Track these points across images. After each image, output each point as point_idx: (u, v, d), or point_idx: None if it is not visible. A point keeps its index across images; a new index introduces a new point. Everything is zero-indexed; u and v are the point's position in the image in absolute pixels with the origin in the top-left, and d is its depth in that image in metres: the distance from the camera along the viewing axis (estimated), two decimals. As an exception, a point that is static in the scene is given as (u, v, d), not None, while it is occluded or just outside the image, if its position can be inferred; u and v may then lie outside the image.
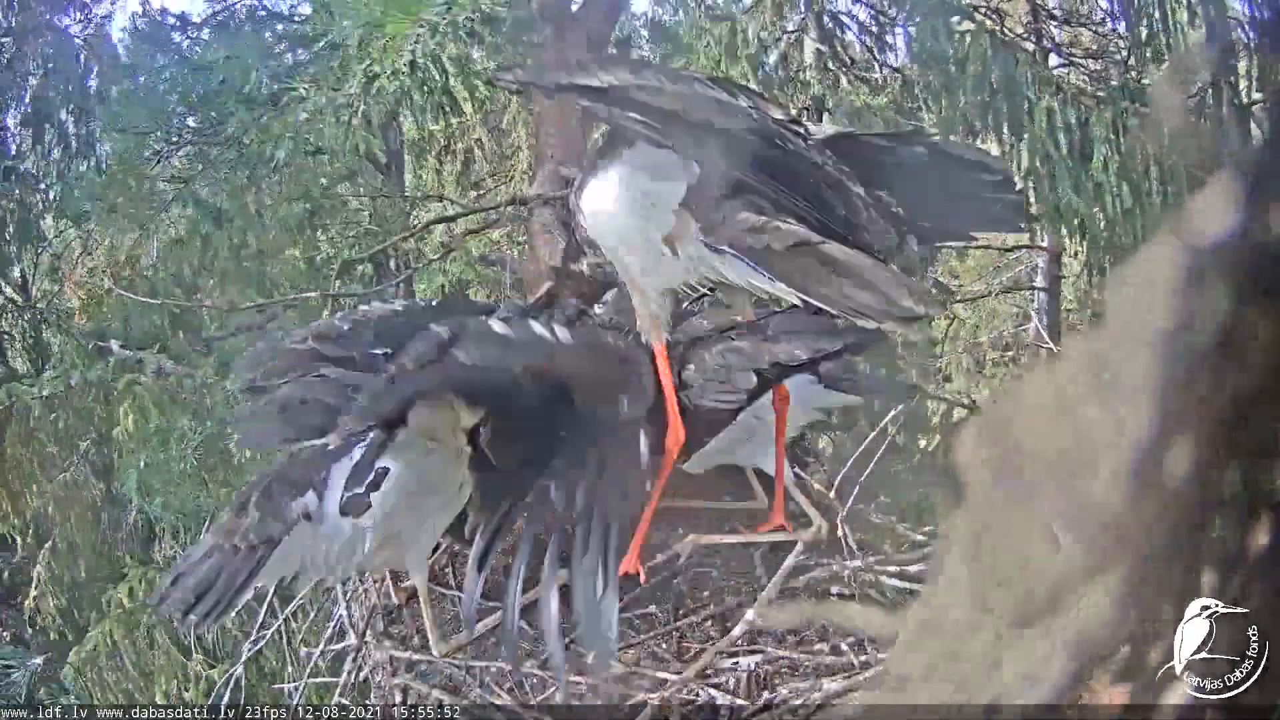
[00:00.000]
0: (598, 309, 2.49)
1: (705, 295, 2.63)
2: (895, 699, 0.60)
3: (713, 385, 2.10)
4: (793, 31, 5.43)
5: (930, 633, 0.59)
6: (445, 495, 2.17)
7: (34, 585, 4.31)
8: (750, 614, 2.04)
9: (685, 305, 2.89)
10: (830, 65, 5.12)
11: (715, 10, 5.77)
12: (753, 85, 5.23)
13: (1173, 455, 0.54)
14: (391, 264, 4.62)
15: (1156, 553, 0.54)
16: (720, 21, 5.45)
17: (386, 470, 2.04)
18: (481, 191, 5.98)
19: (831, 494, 1.99)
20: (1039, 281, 8.06)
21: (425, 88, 4.44)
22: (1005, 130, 4.24)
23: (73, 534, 4.28)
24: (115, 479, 4.08)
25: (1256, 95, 3.85)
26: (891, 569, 2.15)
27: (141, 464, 3.82)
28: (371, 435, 1.99)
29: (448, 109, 4.78)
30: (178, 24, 5.18)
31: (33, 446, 4.21)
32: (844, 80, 5.09)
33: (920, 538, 2.34)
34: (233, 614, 2.02)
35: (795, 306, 1.93)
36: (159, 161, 4.43)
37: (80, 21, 6.33)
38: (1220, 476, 0.57)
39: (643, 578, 2.23)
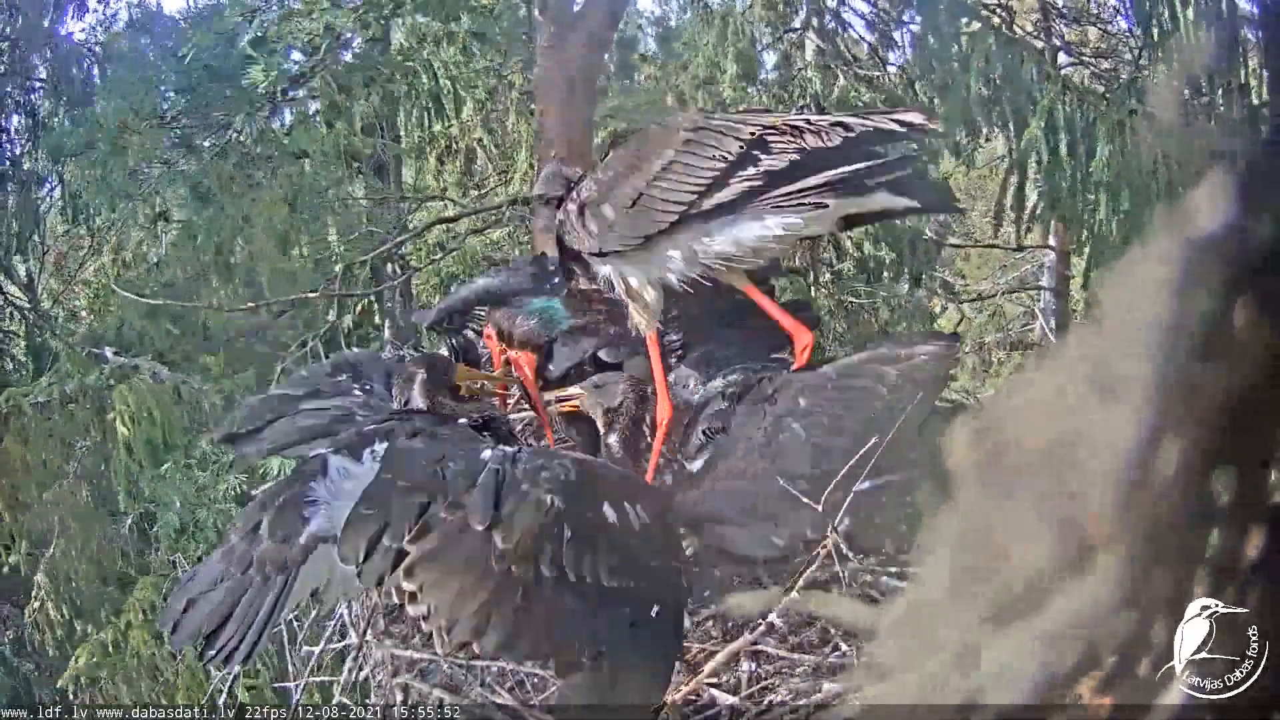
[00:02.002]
0: None
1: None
2: (875, 689, 0.59)
3: None
4: (794, 30, 5.42)
5: (912, 623, 0.59)
6: None
7: (34, 595, 4.30)
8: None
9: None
10: (832, 65, 5.11)
11: (713, 10, 5.77)
12: (752, 84, 5.23)
13: (1162, 456, 0.54)
14: (389, 267, 4.62)
15: (1143, 555, 0.53)
16: (718, 21, 5.46)
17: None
18: (483, 191, 5.99)
19: (819, 506, 1.97)
20: (1045, 281, 8.04)
21: (413, 92, 4.46)
22: (1010, 128, 4.23)
23: (71, 541, 4.26)
24: (113, 485, 4.06)
25: (1266, 96, 3.82)
26: (892, 569, 2.14)
27: (164, 499, 3.82)
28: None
29: (432, 112, 4.81)
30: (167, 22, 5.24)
31: (30, 451, 4.20)
32: (843, 79, 5.07)
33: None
34: (257, 654, 1.89)
35: None
36: (149, 132, 4.41)
37: (84, 29, 6.38)
38: (1212, 480, 0.56)
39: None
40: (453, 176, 6.11)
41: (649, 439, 2.38)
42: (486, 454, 1.87)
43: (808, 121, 2.07)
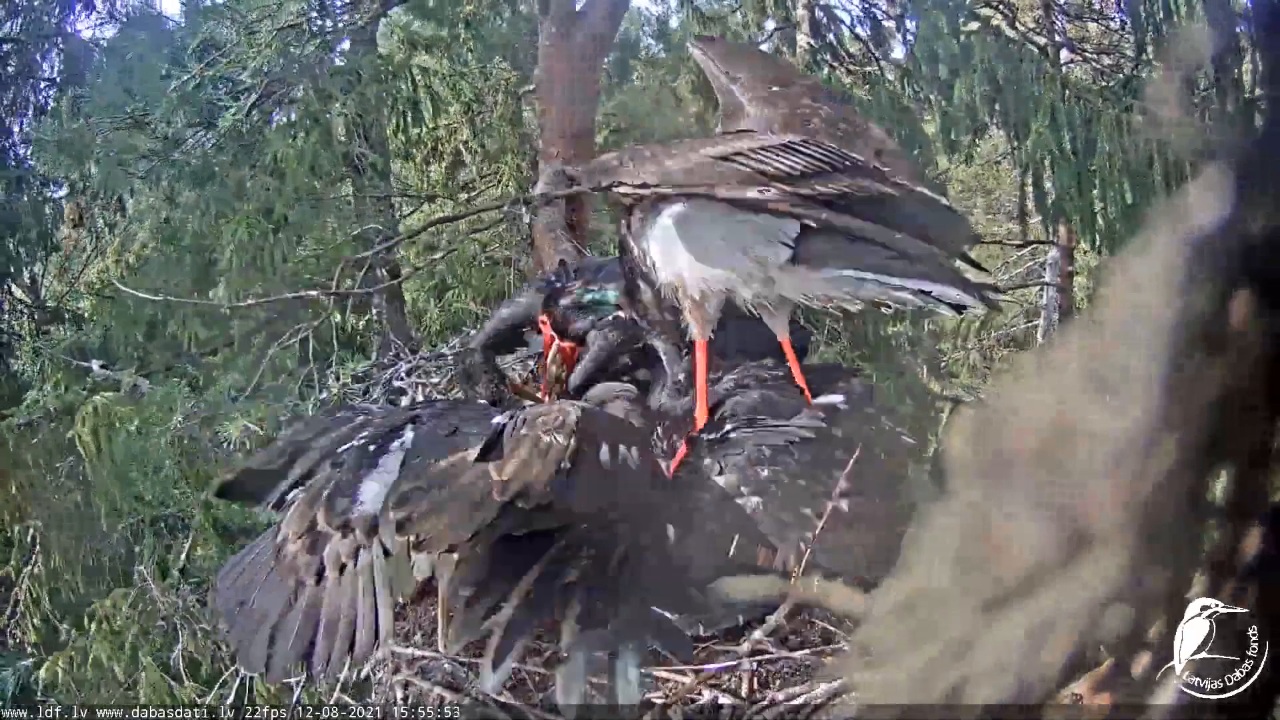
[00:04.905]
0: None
1: None
2: (866, 675, 0.59)
3: None
4: (783, 27, 5.42)
5: (905, 611, 0.58)
6: None
7: (10, 605, 4.31)
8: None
9: None
10: (822, 58, 5.10)
11: (705, 13, 5.80)
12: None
13: (1156, 451, 0.53)
14: (378, 272, 4.62)
15: (1136, 551, 0.53)
16: (711, 22, 5.47)
17: None
18: (473, 193, 5.99)
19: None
20: (1049, 277, 8.03)
21: (388, 97, 4.47)
22: (1013, 126, 4.23)
23: (52, 554, 4.25)
24: (94, 499, 4.05)
25: (1259, 90, 3.82)
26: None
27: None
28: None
29: (410, 117, 4.82)
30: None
31: (16, 470, 4.19)
32: (833, 76, 5.05)
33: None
34: (379, 652, 1.87)
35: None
36: (138, 126, 4.45)
37: (90, 27, 6.41)
38: (1208, 477, 0.56)
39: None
40: (439, 178, 6.10)
41: (660, 451, 2.37)
42: (498, 419, 1.95)
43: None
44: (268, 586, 1.91)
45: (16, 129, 6.09)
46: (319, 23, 4.55)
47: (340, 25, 4.65)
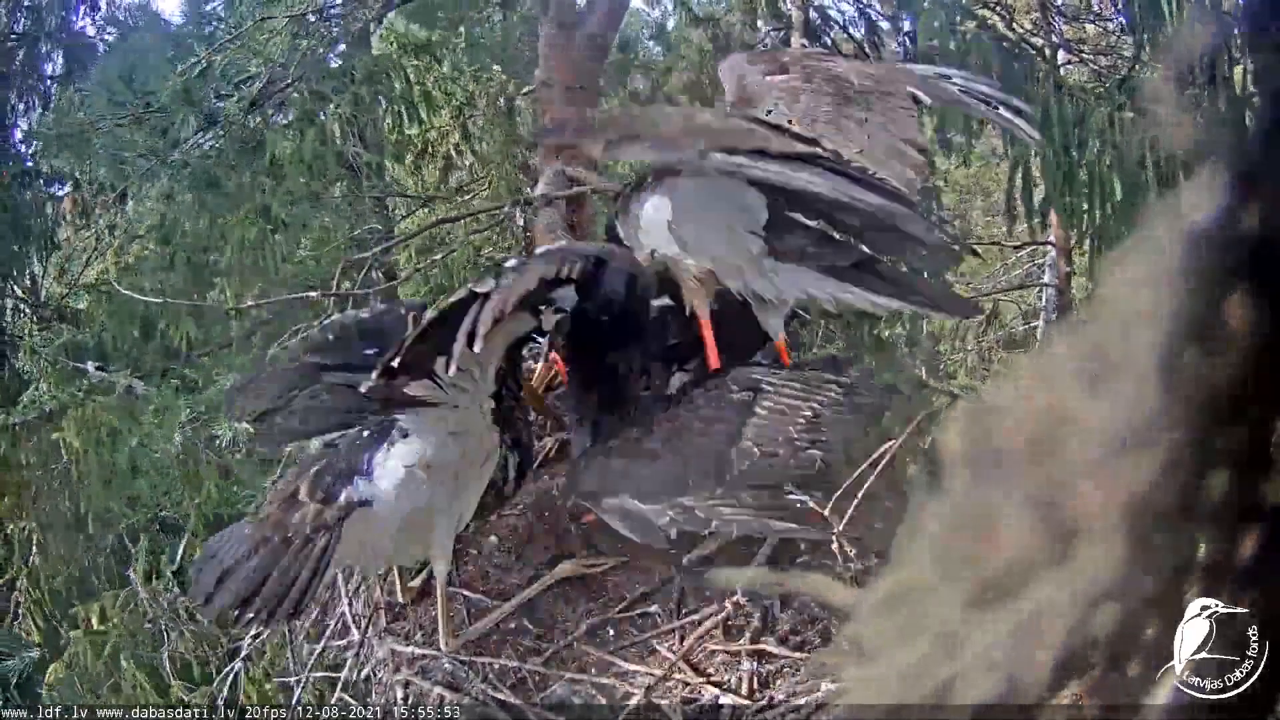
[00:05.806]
0: None
1: None
2: (853, 670, 0.59)
3: None
4: (776, 29, 5.43)
5: (894, 606, 0.59)
6: (476, 468, 2.17)
7: (12, 607, 4.30)
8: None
9: None
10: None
11: (697, 11, 5.81)
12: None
13: (1149, 448, 0.54)
14: (373, 274, 4.61)
15: (1127, 548, 0.53)
16: (702, 23, 5.49)
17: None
18: (467, 197, 5.99)
19: (827, 511, 1.96)
20: (1047, 278, 8.02)
21: (386, 98, 4.47)
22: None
23: (50, 557, 4.23)
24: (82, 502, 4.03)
25: (1252, 88, 3.83)
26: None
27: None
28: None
29: (405, 117, 4.82)
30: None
31: (14, 471, 4.18)
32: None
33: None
34: (302, 615, 1.93)
35: None
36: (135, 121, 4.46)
37: (96, 24, 6.41)
38: (1203, 476, 0.56)
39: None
40: (432, 180, 6.09)
41: None
42: None
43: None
44: (236, 543, 1.99)
45: (20, 126, 6.09)
46: (324, 21, 4.55)
47: (342, 23, 4.65)
